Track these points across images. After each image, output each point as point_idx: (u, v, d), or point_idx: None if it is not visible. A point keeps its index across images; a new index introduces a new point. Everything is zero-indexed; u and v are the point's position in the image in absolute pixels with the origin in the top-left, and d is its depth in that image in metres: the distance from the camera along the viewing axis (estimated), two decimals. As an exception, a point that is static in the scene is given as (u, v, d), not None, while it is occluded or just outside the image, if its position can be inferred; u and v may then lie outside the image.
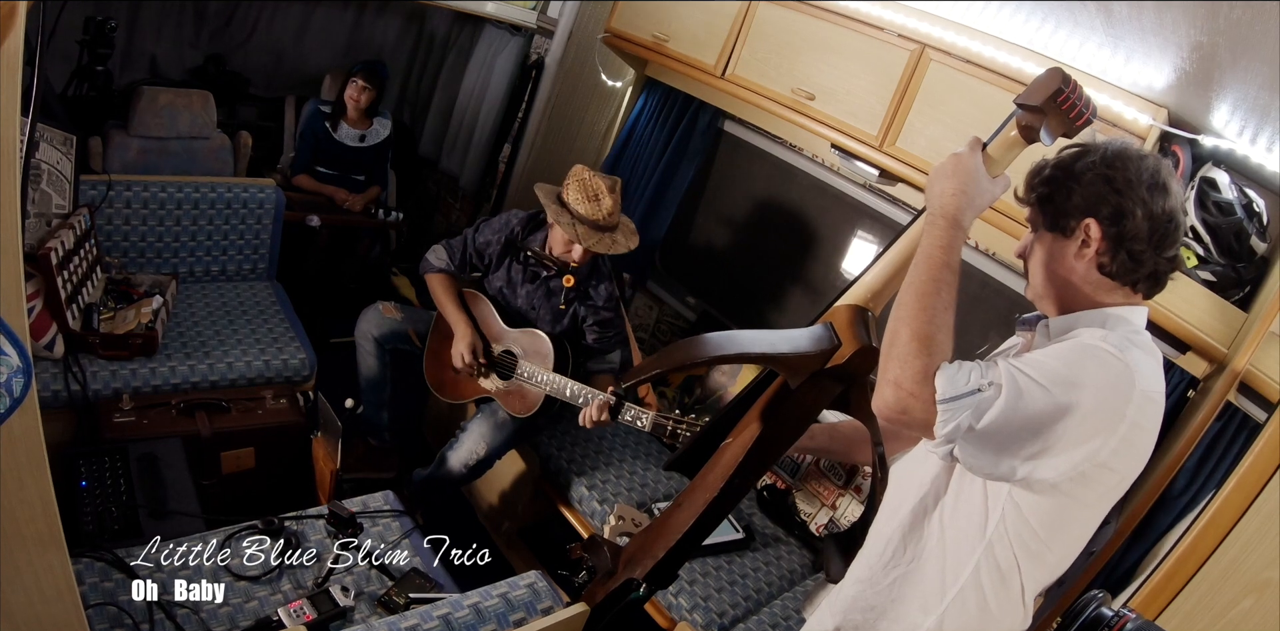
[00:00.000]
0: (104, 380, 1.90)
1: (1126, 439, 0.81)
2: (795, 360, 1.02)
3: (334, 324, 2.74)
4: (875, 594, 1.02)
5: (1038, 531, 0.89)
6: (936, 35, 1.66)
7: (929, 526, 0.97)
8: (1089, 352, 0.83)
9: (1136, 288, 0.92)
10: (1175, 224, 0.89)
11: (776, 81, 1.95)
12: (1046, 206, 0.94)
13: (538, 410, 1.91)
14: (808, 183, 2.31)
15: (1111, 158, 0.90)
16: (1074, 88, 0.86)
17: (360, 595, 1.43)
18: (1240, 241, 1.38)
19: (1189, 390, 1.45)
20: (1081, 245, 0.90)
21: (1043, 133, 0.88)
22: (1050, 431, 0.80)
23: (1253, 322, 1.31)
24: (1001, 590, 0.93)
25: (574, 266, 1.92)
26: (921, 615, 0.97)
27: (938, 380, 0.81)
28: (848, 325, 1.01)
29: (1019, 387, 0.80)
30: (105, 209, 2.18)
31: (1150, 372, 0.84)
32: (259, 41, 3.06)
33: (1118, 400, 0.80)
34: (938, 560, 0.96)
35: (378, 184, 3.02)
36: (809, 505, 2.11)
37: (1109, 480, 0.85)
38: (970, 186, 0.89)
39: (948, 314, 0.86)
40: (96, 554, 1.34)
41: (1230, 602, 1.15)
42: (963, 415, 0.80)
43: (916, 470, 1.02)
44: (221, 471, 1.90)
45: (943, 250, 0.88)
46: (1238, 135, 1.40)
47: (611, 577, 1.26)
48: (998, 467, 0.83)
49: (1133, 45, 1.38)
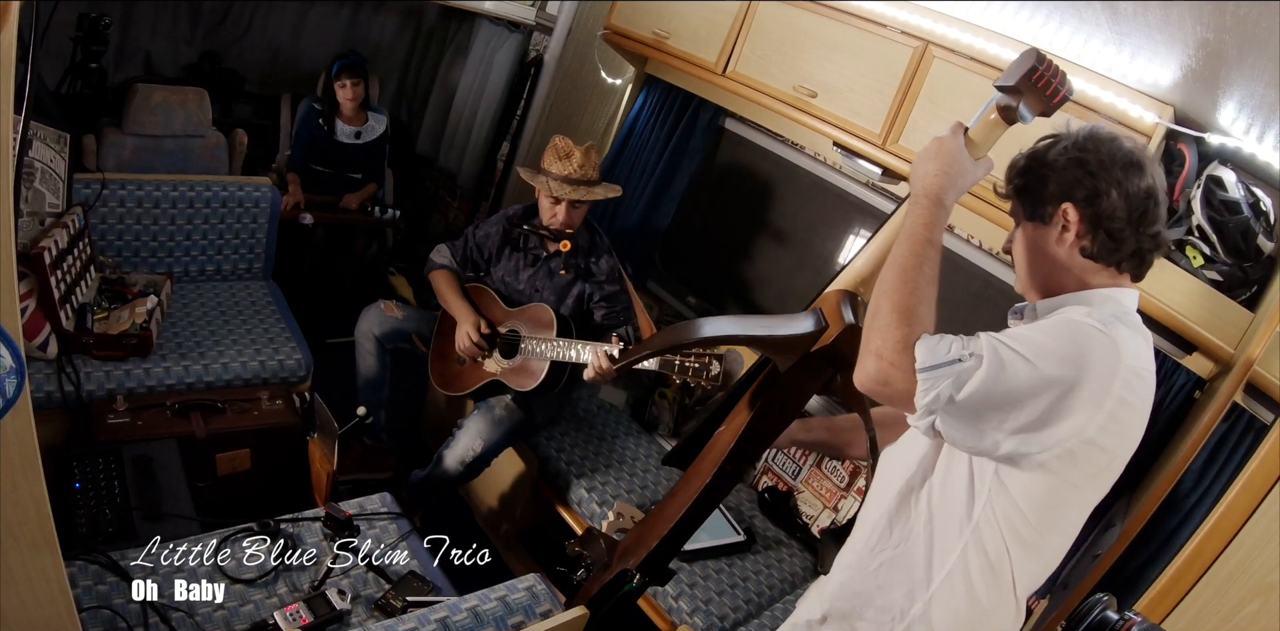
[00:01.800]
0: (98, 381, 1.89)
1: (1114, 415, 0.80)
2: (783, 342, 1.02)
3: (331, 324, 2.73)
4: (861, 579, 1.00)
5: (1026, 514, 0.87)
6: (940, 32, 1.65)
7: (916, 509, 0.96)
8: (1073, 327, 0.83)
9: (1121, 268, 0.92)
10: (1155, 201, 0.90)
11: (778, 79, 1.93)
12: (1025, 197, 0.96)
13: (544, 381, 1.90)
14: (809, 181, 2.30)
15: (1083, 141, 0.91)
16: (1049, 66, 0.88)
17: (357, 598, 1.41)
18: (1247, 240, 1.36)
19: (1195, 391, 1.44)
20: (1061, 230, 0.91)
21: (1021, 111, 0.89)
22: (1033, 404, 0.79)
23: (1260, 322, 1.30)
24: (990, 578, 0.91)
25: (569, 232, 1.98)
26: (907, 601, 0.96)
27: (918, 349, 0.82)
28: (835, 308, 1.02)
29: (1000, 359, 0.80)
30: (99, 208, 2.17)
31: (1137, 350, 0.83)
32: (255, 38, 3.04)
33: (1103, 374, 0.80)
34: (925, 544, 0.95)
35: (374, 181, 3.00)
36: (811, 507, 2.10)
37: (1098, 459, 0.84)
38: (952, 167, 0.92)
39: (930, 288, 0.87)
40: (90, 556, 1.33)
41: (1237, 606, 1.15)
42: (943, 384, 0.80)
43: (904, 452, 1.01)
44: (217, 473, 1.88)
45: (925, 227, 0.90)
46: (1244, 133, 1.39)
47: (606, 570, 1.25)
48: (981, 441, 0.82)
49: (1138, 42, 1.37)
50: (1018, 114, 0.89)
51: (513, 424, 1.98)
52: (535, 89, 2.82)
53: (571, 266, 2.02)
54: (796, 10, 1.90)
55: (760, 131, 2.37)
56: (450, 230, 3.41)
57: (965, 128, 0.94)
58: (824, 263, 2.34)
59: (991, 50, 1.57)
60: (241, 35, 3.00)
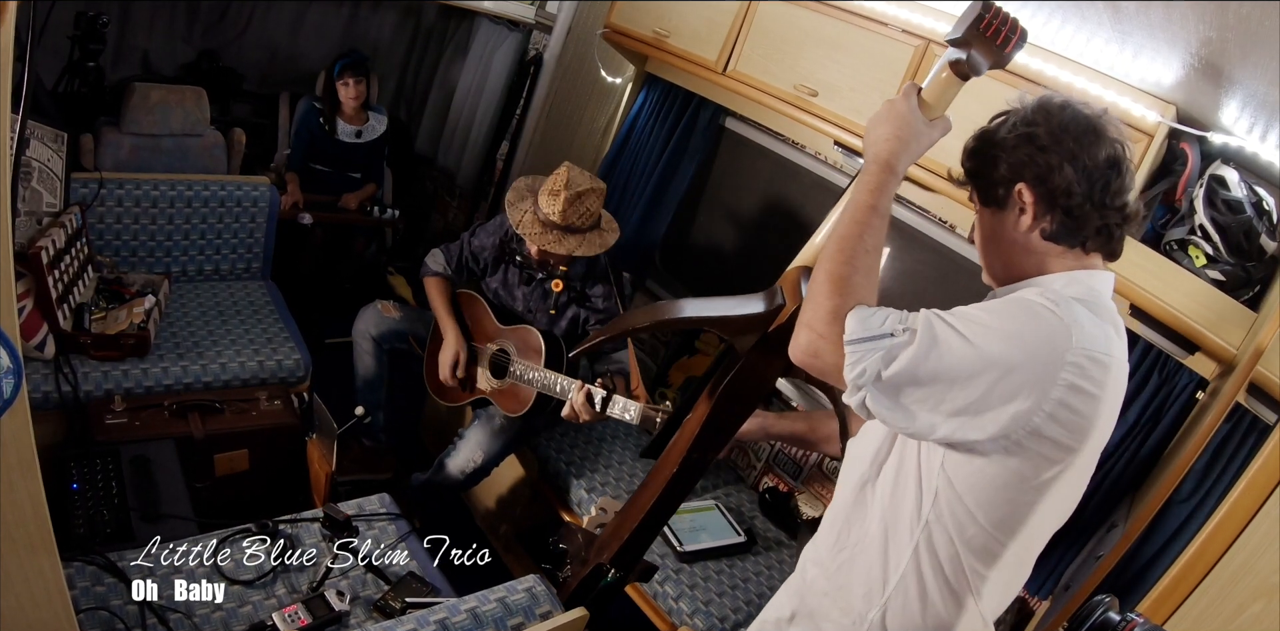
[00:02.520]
0: (96, 381, 1.88)
1: (1064, 403, 0.74)
2: (738, 321, 0.99)
3: (329, 324, 2.72)
4: (826, 579, 0.96)
5: (974, 514, 0.81)
6: (941, 31, 1.64)
7: (871, 507, 0.91)
8: (1020, 305, 0.78)
9: (1087, 248, 0.86)
10: (1118, 171, 0.83)
11: (779, 78, 1.92)
12: (978, 181, 0.91)
13: (532, 407, 1.88)
14: (811, 181, 2.29)
15: (1030, 114, 0.85)
16: (995, 12, 0.84)
17: (356, 599, 1.41)
18: (1250, 240, 1.36)
19: (1198, 391, 1.43)
20: (1019, 213, 0.86)
21: (973, 62, 0.85)
22: (970, 385, 0.74)
23: (1262, 323, 1.29)
24: (944, 585, 0.85)
25: (563, 270, 1.90)
26: (865, 604, 0.90)
27: (849, 321, 0.79)
28: (795, 284, 0.99)
29: (934, 335, 0.76)
30: (97, 207, 2.16)
31: (1095, 332, 0.76)
32: (253, 37, 3.02)
33: (1049, 357, 0.74)
34: (880, 544, 0.89)
35: (374, 181, 2.99)
36: (812, 508, 2.09)
37: (1050, 453, 0.77)
38: (904, 131, 0.86)
39: (870, 257, 0.83)
40: (88, 558, 1.32)
41: (1240, 607, 1.14)
42: (870, 358, 0.76)
43: (861, 445, 0.96)
44: (215, 474, 1.87)
45: (870, 193, 0.85)
46: (1247, 132, 1.38)
47: (584, 565, 1.24)
48: (913, 422, 0.77)
49: (1140, 41, 1.36)
50: (968, 66, 0.85)
51: (513, 434, 1.97)
52: (535, 88, 2.81)
53: (567, 289, 1.95)
54: (797, 9, 1.89)
55: (761, 131, 2.36)
56: (449, 230, 3.40)
57: (919, 88, 0.89)
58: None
59: (993, 49, 1.57)
60: (240, 34, 2.99)
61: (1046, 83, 1.49)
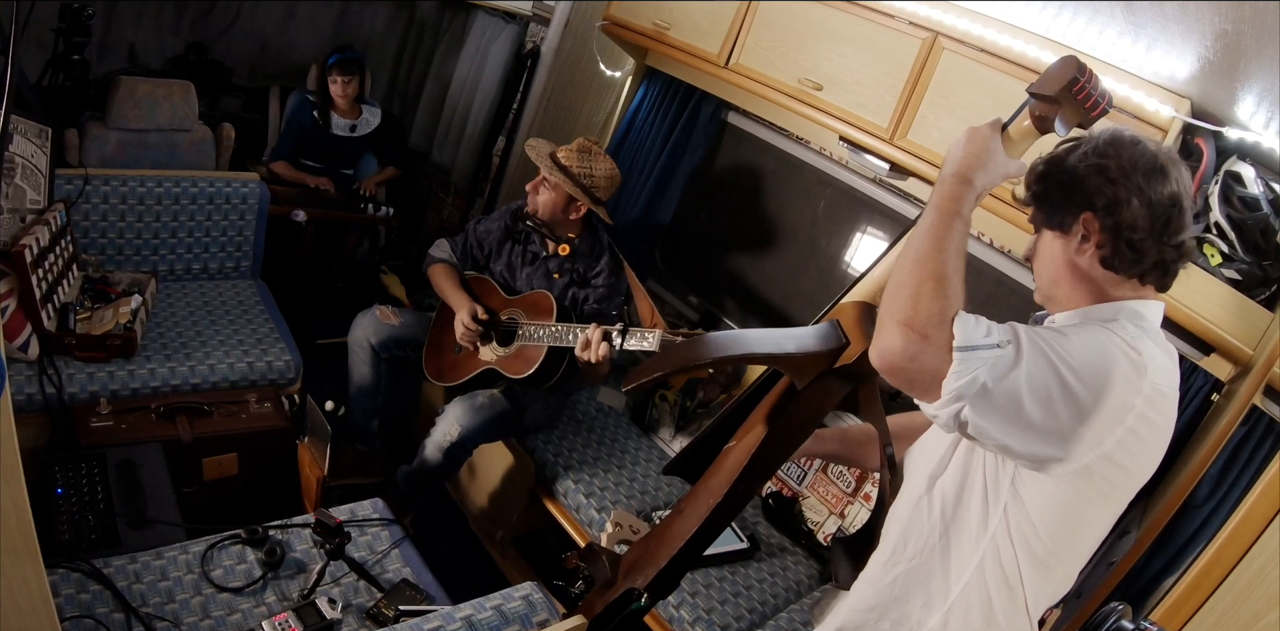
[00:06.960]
0: (80, 383, 1.84)
1: (1134, 431, 0.79)
2: (802, 360, 0.99)
3: (321, 324, 2.68)
4: (876, 593, 0.99)
5: (1039, 528, 0.86)
6: (949, 23, 1.61)
7: (931, 521, 0.94)
8: (1104, 338, 0.81)
9: (1144, 280, 0.89)
10: (1179, 209, 0.86)
11: (782, 71, 1.89)
12: (1044, 204, 0.93)
13: (538, 368, 1.87)
14: (815, 177, 2.26)
15: (1104, 147, 0.88)
16: (1089, 77, 0.84)
17: (348, 607, 1.39)
18: (1266, 238, 1.33)
19: (1213, 393, 1.41)
20: (1082, 240, 0.89)
21: (1057, 123, 0.86)
22: (1059, 408, 0.76)
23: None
24: (1006, 594, 0.89)
25: (570, 236, 1.97)
26: (924, 612, 0.94)
27: (956, 326, 0.76)
28: (855, 322, 0.99)
29: (1039, 351, 0.76)
30: (82, 204, 2.12)
31: (1162, 366, 0.82)
32: (242, 29, 2.97)
33: (1127, 388, 0.78)
34: (941, 556, 0.93)
35: (391, 165, 3.05)
36: (816, 513, 2.06)
37: (1113, 476, 0.82)
38: (984, 153, 0.87)
39: (960, 261, 0.82)
40: (73, 564, 1.30)
41: (1255, 615, 1.13)
42: (979, 369, 0.75)
43: (917, 462, 0.99)
44: (203, 478, 1.84)
45: (953, 201, 0.84)
46: (1264, 127, 1.36)
47: (611, 588, 1.22)
48: (1007, 436, 0.78)
49: (1154, 33, 1.34)
50: (1054, 125, 0.86)
51: (494, 412, 1.92)
52: (532, 82, 2.77)
53: (568, 271, 2.00)
54: (801, 0, 1.85)
55: (764, 125, 2.33)
56: (444, 228, 3.36)
57: (1004, 124, 0.91)
58: (830, 261, 2.30)
59: (1003, 42, 1.54)
60: (229, 26, 2.94)
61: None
